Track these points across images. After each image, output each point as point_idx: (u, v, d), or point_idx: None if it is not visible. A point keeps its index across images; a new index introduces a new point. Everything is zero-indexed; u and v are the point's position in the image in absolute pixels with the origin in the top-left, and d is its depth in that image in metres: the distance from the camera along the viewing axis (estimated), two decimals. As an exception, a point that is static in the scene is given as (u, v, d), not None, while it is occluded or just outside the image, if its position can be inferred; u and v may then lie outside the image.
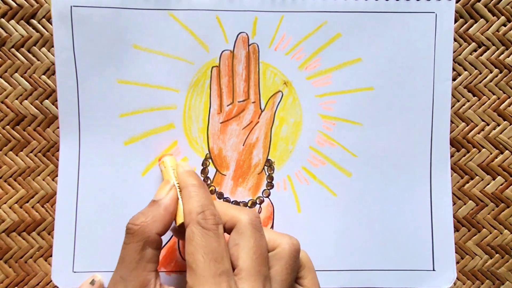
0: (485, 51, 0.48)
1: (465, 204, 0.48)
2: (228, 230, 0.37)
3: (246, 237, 0.36)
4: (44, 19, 0.47)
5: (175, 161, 0.43)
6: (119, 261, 0.36)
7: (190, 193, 0.37)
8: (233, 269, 0.35)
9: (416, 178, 0.47)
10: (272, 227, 0.46)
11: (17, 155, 0.47)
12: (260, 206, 0.46)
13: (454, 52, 0.48)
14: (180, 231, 0.38)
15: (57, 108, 0.46)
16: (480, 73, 0.48)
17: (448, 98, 0.47)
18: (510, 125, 0.48)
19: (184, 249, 0.35)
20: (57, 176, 0.46)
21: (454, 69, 0.48)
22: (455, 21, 0.48)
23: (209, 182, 0.46)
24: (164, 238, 0.45)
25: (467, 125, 0.48)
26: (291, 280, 0.37)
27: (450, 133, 0.48)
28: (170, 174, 0.41)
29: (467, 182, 0.48)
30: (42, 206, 0.47)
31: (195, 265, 0.33)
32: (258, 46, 0.46)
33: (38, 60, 0.47)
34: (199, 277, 0.33)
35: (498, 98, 0.48)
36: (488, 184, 0.48)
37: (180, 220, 0.38)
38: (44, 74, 0.47)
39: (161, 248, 0.37)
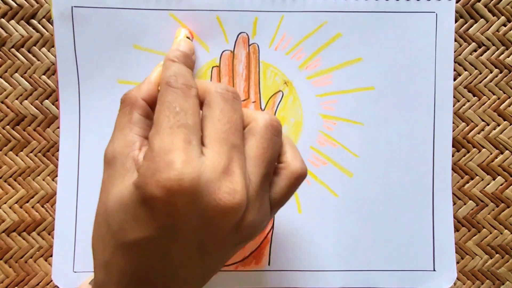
0: (485, 51, 0.48)
1: (465, 204, 0.48)
2: (201, 105, 0.35)
3: (212, 107, 0.33)
4: (44, 19, 0.47)
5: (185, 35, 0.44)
6: (113, 128, 0.36)
7: (169, 64, 0.36)
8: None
9: (418, 178, 0.47)
10: (272, 227, 0.46)
11: (17, 155, 0.47)
12: (260, 206, 0.46)
13: (454, 52, 0.48)
14: None
15: (57, 108, 0.46)
16: (480, 73, 0.48)
17: (450, 97, 0.47)
18: (510, 125, 0.48)
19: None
20: (57, 176, 0.46)
21: (454, 69, 0.48)
22: (455, 21, 0.48)
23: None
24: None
25: (467, 125, 0.48)
26: (268, 157, 0.34)
27: (450, 133, 0.48)
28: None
29: (467, 182, 0.48)
30: (42, 206, 0.47)
31: (156, 120, 0.32)
32: (258, 46, 0.46)
33: (38, 60, 0.47)
34: (157, 128, 0.31)
35: (498, 98, 0.48)
36: (488, 184, 0.49)
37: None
38: (44, 74, 0.47)
39: (150, 117, 0.36)
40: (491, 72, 0.48)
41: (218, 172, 0.30)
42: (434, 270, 0.47)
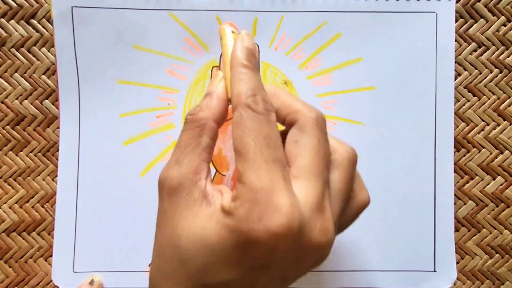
0: (485, 51, 0.48)
1: (465, 204, 0.48)
2: (288, 125, 0.33)
3: (309, 135, 0.31)
4: (44, 19, 0.47)
5: (236, 33, 0.37)
6: (176, 146, 0.33)
7: (239, 74, 0.32)
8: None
9: (419, 178, 0.47)
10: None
11: (17, 155, 0.47)
12: (260, 206, 0.46)
13: (454, 52, 0.48)
14: None
15: (57, 108, 0.46)
16: (480, 73, 0.48)
17: (451, 97, 0.47)
18: (510, 125, 0.48)
19: (232, 136, 0.31)
20: (57, 176, 0.46)
21: (454, 69, 0.48)
22: (455, 21, 0.47)
23: (209, 182, 0.46)
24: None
25: (467, 125, 0.48)
26: (348, 191, 0.33)
27: (450, 133, 0.48)
28: (227, 47, 0.36)
29: (467, 182, 0.48)
30: (42, 206, 0.47)
31: (244, 150, 0.29)
32: (258, 46, 0.46)
33: (38, 60, 0.47)
34: (249, 162, 0.29)
35: (498, 98, 0.48)
36: (488, 184, 0.49)
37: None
38: (44, 74, 0.47)
39: (216, 140, 0.34)
40: (491, 72, 0.48)
41: (314, 210, 0.29)
42: (434, 270, 0.47)
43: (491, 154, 0.48)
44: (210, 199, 0.30)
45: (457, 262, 0.48)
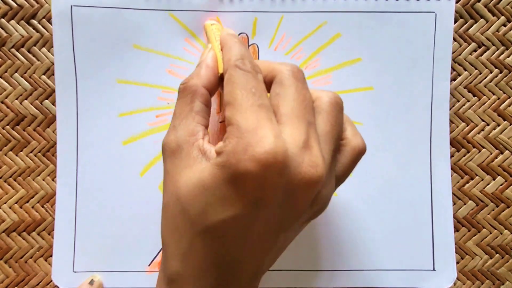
0: (485, 51, 0.48)
1: (465, 204, 0.48)
2: (268, 84, 0.35)
3: (287, 85, 0.34)
4: (44, 19, 0.47)
5: (220, 26, 0.43)
6: (173, 115, 0.36)
7: (230, 46, 0.36)
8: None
9: (416, 177, 0.47)
10: (272, 227, 0.46)
11: (17, 155, 0.47)
12: (260, 206, 0.46)
13: (454, 52, 0.48)
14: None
15: (56, 107, 0.46)
16: (480, 73, 0.48)
17: (446, 98, 0.47)
18: (510, 125, 0.48)
19: (223, 94, 0.34)
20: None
21: (454, 69, 0.48)
22: (455, 21, 0.48)
23: (209, 182, 0.46)
24: (164, 238, 0.46)
25: (467, 125, 0.48)
26: (335, 134, 0.35)
27: (450, 133, 0.48)
28: (214, 36, 0.41)
29: (467, 182, 0.48)
30: (42, 206, 0.47)
31: (233, 99, 0.32)
32: (258, 46, 0.46)
33: (38, 60, 0.47)
34: (237, 107, 0.31)
35: (498, 98, 0.48)
36: (488, 184, 0.48)
37: (221, 70, 0.38)
38: (44, 74, 0.47)
39: (209, 105, 0.37)
40: (491, 72, 0.48)
41: (300, 147, 0.31)
42: (434, 269, 0.47)
43: (491, 154, 0.48)
44: (208, 153, 0.33)
45: (457, 262, 0.48)
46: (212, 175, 0.31)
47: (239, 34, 0.46)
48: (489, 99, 0.48)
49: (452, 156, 0.48)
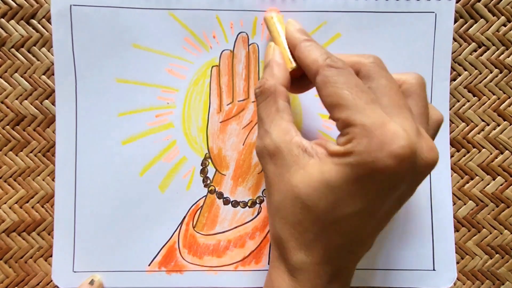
0: (485, 51, 0.48)
1: (465, 204, 0.48)
2: None
3: (377, 78, 0.35)
4: (44, 19, 0.47)
5: (281, 16, 0.43)
6: (259, 120, 0.38)
7: (306, 47, 0.37)
8: None
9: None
10: (271, 226, 0.46)
11: (17, 155, 0.47)
12: (260, 206, 0.46)
13: (454, 52, 0.48)
14: (294, 82, 0.40)
15: (56, 107, 0.46)
16: (480, 73, 0.48)
17: (446, 98, 0.47)
18: (510, 125, 0.48)
19: (321, 97, 0.35)
20: (56, 176, 0.46)
21: (454, 69, 0.48)
22: (455, 21, 0.48)
23: (208, 182, 0.46)
24: (164, 238, 0.46)
25: (467, 125, 0.48)
26: (427, 113, 0.37)
27: (450, 133, 0.48)
28: (277, 29, 0.41)
29: (467, 182, 0.48)
30: (42, 206, 0.47)
31: (343, 101, 0.32)
32: (258, 45, 0.46)
33: (38, 60, 0.47)
34: (353, 107, 0.32)
35: (498, 98, 0.48)
36: (488, 184, 0.48)
37: (290, 65, 0.39)
38: (44, 74, 0.47)
39: (289, 102, 0.38)
40: (491, 72, 0.48)
41: (416, 135, 0.32)
42: (434, 269, 0.47)
43: (491, 154, 0.48)
44: (310, 150, 0.34)
45: (457, 262, 0.48)
46: (340, 173, 0.32)
47: (239, 34, 0.46)
48: (489, 99, 0.48)
49: (452, 156, 0.48)
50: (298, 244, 0.35)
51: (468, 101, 0.48)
